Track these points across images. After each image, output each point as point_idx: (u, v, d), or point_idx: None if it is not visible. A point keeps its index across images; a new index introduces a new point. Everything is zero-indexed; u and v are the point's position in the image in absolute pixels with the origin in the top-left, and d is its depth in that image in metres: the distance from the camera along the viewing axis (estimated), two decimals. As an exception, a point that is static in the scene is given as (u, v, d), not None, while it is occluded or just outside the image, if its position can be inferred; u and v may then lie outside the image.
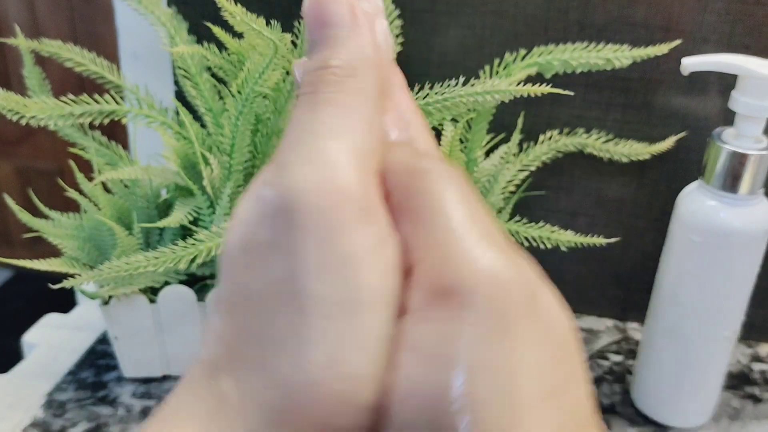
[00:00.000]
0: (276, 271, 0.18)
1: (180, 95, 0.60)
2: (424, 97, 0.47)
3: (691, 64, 0.45)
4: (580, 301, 0.64)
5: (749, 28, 0.52)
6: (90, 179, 0.50)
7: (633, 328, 0.63)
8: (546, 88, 0.46)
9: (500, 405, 0.17)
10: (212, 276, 0.53)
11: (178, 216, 0.48)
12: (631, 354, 0.60)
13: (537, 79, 0.51)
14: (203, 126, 0.54)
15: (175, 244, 0.46)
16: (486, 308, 0.17)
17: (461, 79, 0.47)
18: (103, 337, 0.61)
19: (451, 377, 0.17)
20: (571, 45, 0.50)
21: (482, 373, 0.17)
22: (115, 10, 0.63)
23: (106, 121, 0.49)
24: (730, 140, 0.45)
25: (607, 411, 0.54)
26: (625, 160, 0.55)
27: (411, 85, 0.52)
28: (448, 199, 0.19)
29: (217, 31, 0.51)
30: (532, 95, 0.47)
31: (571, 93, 0.50)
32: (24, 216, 0.50)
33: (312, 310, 0.17)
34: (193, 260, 0.46)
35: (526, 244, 0.53)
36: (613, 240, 0.59)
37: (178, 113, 0.53)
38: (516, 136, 0.55)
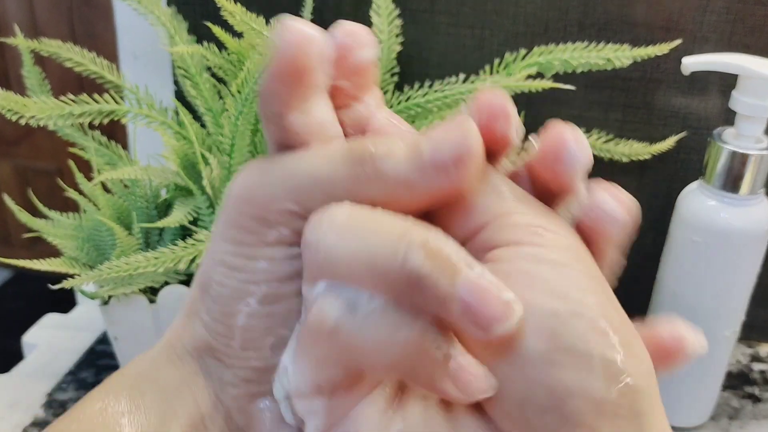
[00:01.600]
0: None
1: (180, 95, 0.60)
2: (425, 95, 0.47)
3: (691, 63, 0.45)
4: (580, 300, 0.64)
5: (750, 28, 0.52)
6: (89, 179, 0.50)
7: (633, 328, 0.63)
8: (545, 83, 0.46)
9: None
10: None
11: (178, 216, 0.48)
12: (632, 354, 0.60)
13: (537, 78, 0.51)
14: (203, 126, 0.54)
15: (175, 245, 0.46)
16: None
17: (461, 77, 0.47)
18: (103, 337, 0.61)
19: None
20: (572, 45, 0.50)
21: None
22: (114, 10, 0.63)
23: (106, 120, 0.49)
24: (731, 140, 0.45)
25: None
26: (625, 160, 0.55)
27: (411, 84, 0.52)
28: None
29: (216, 30, 0.51)
30: (533, 92, 0.47)
31: (572, 87, 0.50)
32: (23, 216, 0.50)
33: None
34: (192, 260, 0.46)
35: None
36: (613, 240, 0.59)
37: (177, 113, 0.53)
38: (516, 136, 0.55)
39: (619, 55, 0.49)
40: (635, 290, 0.63)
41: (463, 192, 0.19)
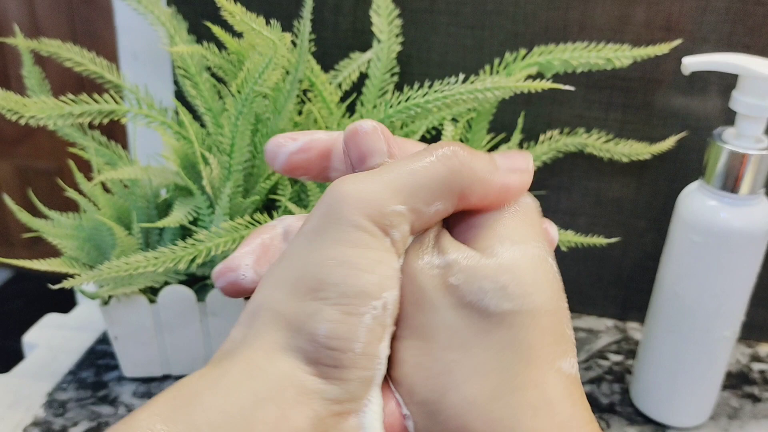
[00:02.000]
0: None
1: (179, 95, 0.60)
2: (424, 95, 0.47)
3: (691, 63, 0.45)
4: (580, 301, 0.64)
5: (750, 28, 0.52)
6: (89, 179, 0.50)
7: (633, 328, 0.63)
8: (546, 83, 0.46)
9: None
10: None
11: (178, 216, 0.48)
12: (631, 354, 0.60)
13: (537, 79, 0.51)
14: (203, 126, 0.54)
15: (175, 244, 0.46)
16: None
17: (461, 77, 0.47)
18: (103, 337, 0.61)
19: None
20: (572, 44, 0.50)
21: None
22: (114, 10, 0.63)
23: (106, 120, 0.49)
24: (731, 140, 0.45)
25: (607, 410, 0.54)
26: (625, 160, 0.55)
27: (411, 84, 0.52)
28: None
29: (216, 30, 0.51)
30: (533, 92, 0.47)
31: (572, 88, 0.50)
32: (23, 216, 0.50)
33: None
34: (192, 260, 0.46)
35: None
36: (613, 240, 0.59)
37: (177, 113, 0.53)
38: (516, 136, 0.55)
39: (619, 55, 0.49)
40: (635, 290, 0.63)
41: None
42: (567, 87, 0.47)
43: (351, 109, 0.56)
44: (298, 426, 0.20)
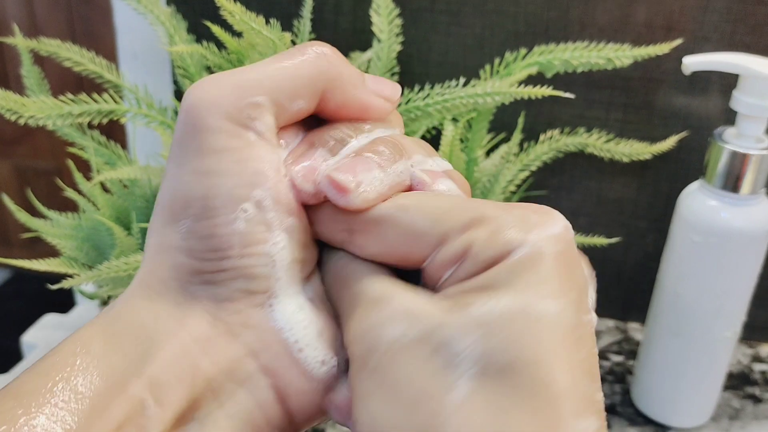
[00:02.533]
0: None
1: (179, 94, 0.60)
2: (425, 98, 0.47)
3: (692, 63, 0.45)
4: (580, 301, 0.64)
5: (751, 28, 0.52)
6: (88, 179, 0.50)
7: (634, 329, 0.63)
8: (546, 90, 0.46)
9: None
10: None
11: (178, 216, 0.48)
12: (632, 354, 0.60)
13: (538, 78, 0.51)
14: (202, 125, 0.53)
15: (175, 244, 0.46)
16: None
17: (461, 80, 0.47)
18: (102, 338, 0.60)
19: None
20: (572, 44, 0.50)
21: None
22: (113, 9, 0.63)
23: (105, 120, 0.49)
24: (732, 140, 0.45)
25: (608, 411, 0.54)
26: (626, 159, 0.55)
27: (411, 85, 0.52)
28: None
29: (216, 30, 0.51)
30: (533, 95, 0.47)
31: (572, 96, 0.50)
32: (22, 216, 0.50)
33: None
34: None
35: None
36: (614, 240, 0.59)
37: (177, 113, 0.53)
38: (517, 136, 0.55)
39: (620, 55, 0.49)
40: (636, 290, 0.63)
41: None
42: (567, 95, 0.47)
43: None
44: (196, 330, 0.21)
